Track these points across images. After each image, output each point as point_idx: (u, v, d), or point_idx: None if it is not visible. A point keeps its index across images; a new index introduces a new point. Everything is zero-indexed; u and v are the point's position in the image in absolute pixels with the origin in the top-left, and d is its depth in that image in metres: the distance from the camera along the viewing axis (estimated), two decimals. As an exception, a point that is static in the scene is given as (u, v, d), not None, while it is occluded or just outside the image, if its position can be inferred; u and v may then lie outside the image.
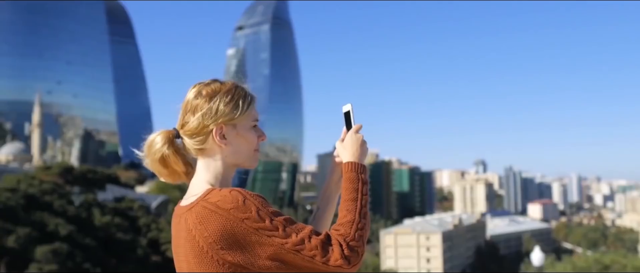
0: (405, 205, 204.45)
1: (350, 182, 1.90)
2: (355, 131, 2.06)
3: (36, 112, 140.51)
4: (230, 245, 1.69)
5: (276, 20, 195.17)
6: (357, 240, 1.75)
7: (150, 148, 1.95)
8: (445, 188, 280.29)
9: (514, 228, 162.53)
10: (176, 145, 1.95)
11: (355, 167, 1.94)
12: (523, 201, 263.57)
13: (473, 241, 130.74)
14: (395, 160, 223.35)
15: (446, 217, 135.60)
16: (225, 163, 1.90)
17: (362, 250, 1.75)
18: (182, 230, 1.79)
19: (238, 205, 1.69)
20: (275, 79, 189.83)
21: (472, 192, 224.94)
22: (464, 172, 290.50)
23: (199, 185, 1.86)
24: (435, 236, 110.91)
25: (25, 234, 48.42)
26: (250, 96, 1.96)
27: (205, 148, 1.89)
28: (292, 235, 1.69)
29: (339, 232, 1.77)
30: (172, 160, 1.94)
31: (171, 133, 1.95)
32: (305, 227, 1.74)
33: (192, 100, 1.90)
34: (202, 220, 1.71)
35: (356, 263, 1.72)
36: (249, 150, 1.94)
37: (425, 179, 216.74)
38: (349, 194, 1.87)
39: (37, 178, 55.36)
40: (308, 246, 1.69)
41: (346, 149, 2.01)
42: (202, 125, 1.87)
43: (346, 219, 1.80)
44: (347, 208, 1.83)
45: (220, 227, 1.68)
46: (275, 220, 1.70)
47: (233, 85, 1.94)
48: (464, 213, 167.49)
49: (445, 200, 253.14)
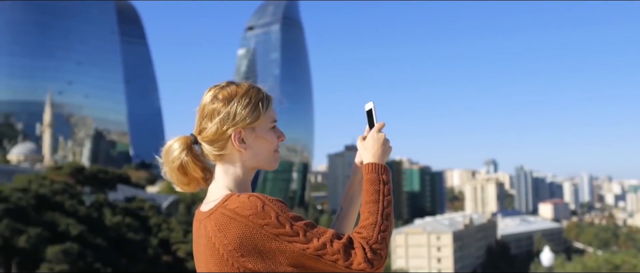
0: (415, 205, 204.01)
1: (371, 183, 1.86)
2: (377, 130, 2.02)
3: (47, 113, 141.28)
4: (250, 252, 1.66)
5: (286, 20, 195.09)
6: (380, 242, 1.73)
7: (168, 155, 1.90)
8: (456, 188, 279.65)
9: (525, 228, 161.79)
10: (194, 152, 1.90)
11: (376, 168, 1.90)
12: (534, 201, 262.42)
13: (484, 241, 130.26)
14: (406, 160, 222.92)
15: (457, 217, 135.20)
16: (245, 167, 1.87)
17: (385, 253, 1.73)
18: (202, 237, 1.77)
19: (257, 212, 1.66)
20: (285, 79, 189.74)
21: (483, 191, 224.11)
22: (474, 172, 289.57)
23: (218, 190, 1.83)
24: (446, 236, 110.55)
25: (36, 234, 48.62)
26: (267, 97, 1.91)
27: (224, 153, 1.86)
28: (313, 240, 1.67)
29: (361, 235, 1.74)
30: (191, 168, 1.88)
31: (189, 139, 1.90)
32: (327, 231, 1.71)
33: (208, 104, 1.86)
34: (221, 227, 1.69)
35: (379, 267, 1.70)
36: (268, 152, 1.90)
37: (436, 179, 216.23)
38: (370, 196, 1.83)
39: (48, 179, 55.59)
40: (330, 251, 1.67)
41: (367, 149, 1.98)
42: (221, 131, 1.83)
43: (368, 222, 1.77)
44: (369, 210, 1.80)
45: (240, 234, 1.66)
46: (296, 225, 1.67)
47: (249, 86, 1.89)
48: (474, 213, 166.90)
49: (456, 200, 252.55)
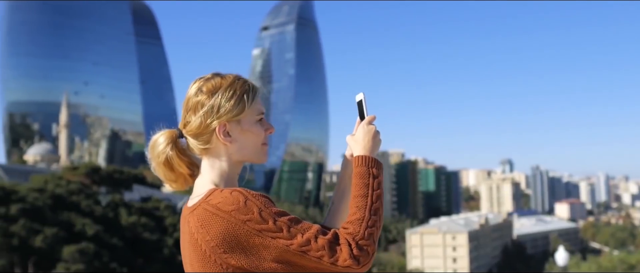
0: (431, 204, 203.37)
1: (360, 177, 1.80)
2: (368, 122, 1.94)
3: (63, 113, 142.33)
4: (233, 249, 1.63)
5: (301, 20, 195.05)
6: (367, 238, 1.67)
7: (153, 149, 1.88)
8: (472, 187, 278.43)
9: (541, 227, 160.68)
10: (180, 146, 1.87)
11: (365, 160, 1.83)
12: (550, 200, 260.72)
13: (500, 241, 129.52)
14: (421, 159, 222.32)
15: (472, 217, 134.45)
16: (231, 161, 1.83)
17: (372, 249, 1.67)
18: (186, 233, 1.74)
19: (239, 207, 1.63)
20: (300, 79, 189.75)
21: (499, 191, 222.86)
22: (490, 172, 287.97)
23: (203, 185, 1.80)
24: (461, 236, 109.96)
25: (53, 234, 48.88)
26: (253, 89, 1.85)
27: (209, 147, 1.82)
28: (297, 236, 1.62)
29: (347, 231, 1.69)
30: (176, 162, 1.86)
31: (174, 133, 1.87)
32: (312, 226, 1.66)
33: (192, 97, 1.83)
34: (204, 223, 1.65)
35: (366, 263, 1.65)
36: (255, 145, 1.85)
37: (452, 179, 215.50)
38: (358, 190, 1.77)
39: (65, 179, 55.85)
40: (314, 246, 1.62)
41: (357, 142, 1.90)
42: (205, 124, 1.79)
43: (355, 217, 1.71)
44: (357, 205, 1.74)
45: (222, 230, 1.62)
46: (279, 221, 1.63)
47: (235, 78, 1.84)
48: (490, 212, 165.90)
49: (471, 199, 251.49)
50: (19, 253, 48.30)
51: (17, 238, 47.71)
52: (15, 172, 70.67)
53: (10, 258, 48.47)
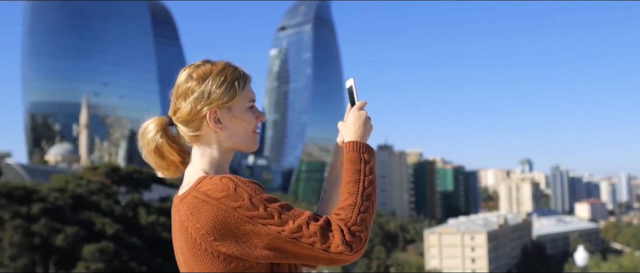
0: (449, 204, 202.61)
1: (351, 162, 1.78)
2: (359, 108, 1.91)
3: (83, 114, 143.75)
4: (224, 236, 1.60)
5: (318, 20, 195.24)
6: (359, 224, 1.65)
7: (143, 137, 1.84)
8: (490, 187, 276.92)
9: (561, 228, 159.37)
10: (170, 133, 1.84)
11: (356, 146, 1.81)
12: (570, 200, 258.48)
13: (519, 241, 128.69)
14: (439, 159, 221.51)
15: (491, 217, 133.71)
16: (222, 148, 1.80)
17: (365, 235, 1.65)
18: (177, 222, 1.72)
19: (229, 193, 1.61)
20: (317, 79, 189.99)
21: (518, 191, 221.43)
22: (509, 171, 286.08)
23: (193, 173, 1.78)
24: (480, 236, 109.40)
25: (73, 233, 49.42)
26: (244, 76, 1.83)
27: (200, 134, 1.79)
28: (288, 222, 1.60)
29: (339, 217, 1.67)
30: (166, 150, 1.83)
31: (164, 120, 1.85)
32: (303, 212, 1.64)
33: (183, 84, 1.81)
34: (193, 210, 1.63)
35: (359, 249, 1.63)
36: (246, 133, 1.83)
37: (470, 179, 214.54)
38: (350, 176, 1.75)
39: (85, 179, 56.38)
40: (306, 233, 1.60)
41: (348, 128, 1.88)
42: (195, 111, 1.76)
43: (347, 202, 1.69)
44: (348, 191, 1.72)
45: (212, 218, 1.60)
46: (270, 207, 1.61)
47: (225, 65, 1.83)
48: (509, 212, 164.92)
49: (490, 199, 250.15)
50: (40, 252, 48.90)
51: (39, 238, 48.30)
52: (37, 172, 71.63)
53: (32, 257, 49.08)
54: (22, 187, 52.27)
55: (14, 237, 47.73)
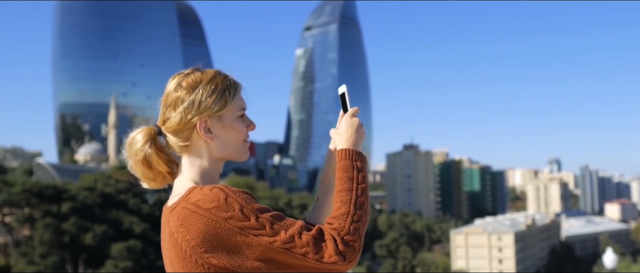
0: (476, 204, 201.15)
1: (343, 170, 1.75)
2: (351, 115, 1.90)
3: (112, 114, 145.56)
4: (215, 248, 1.57)
5: (344, 19, 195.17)
6: (353, 233, 1.62)
7: (131, 147, 1.80)
8: (518, 187, 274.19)
9: (591, 229, 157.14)
10: (158, 143, 1.79)
11: (349, 154, 1.78)
12: (600, 201, 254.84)
13: (547, 242, 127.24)
14: (466, 159, 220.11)
15: (519, 217, 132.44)
16: (212, 158, 1.77)
17: (359, 245, 1.63)
18: (166, 233, 1.68)
19: (220, 204, 1.57)
20: (343, 79, 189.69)
21: (546, 191, 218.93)
22: (537, 171, 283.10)
23: (182, 183, 1.74)
24: (507, 236, 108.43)
25: (102, 232, 50.15)
26: (235, 84, 1.80)
27: (190, 144, 1.75)
28: (280, 233, 1.57)
29: (332, 226, 1.64)
30: (155, 160, 1.78)
31: (153, 130, 1.80)
32: (296, 222, 1.61)
33: (172, 92, 1.77)
34: (183, 222, 1.59)
35: (352, 259, 1.60)
36: (237, 142, 1.79)
37: (497, 178, 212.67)
38: (343, 184, 1.72)
39: (113, 178, 57.09)
40: (299, 243, 1.57)
41: (341, 135, 1.86)
42: (185, 120, 1.72)
43: (340, 211, 1.67)
44: (341, 199, 1.69)
45: (203, 229, 1.56)
46: (261, 218, 1.58)
47: (215, 73, 1.79)
48: (537, 213, 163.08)
49: (518, 199, 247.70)
50: (70, 250, 49.72)
51: (68, 236, 49.11)
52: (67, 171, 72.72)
53: (62, 255, 49.90)
54: (52, 186, 53.21)
55: (45, 235, 48.59)
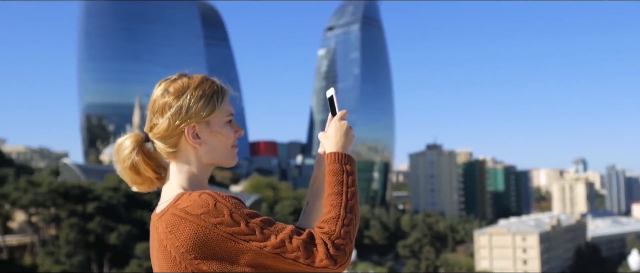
0: (500, 205, 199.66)
1: (333, 174, 1.75)
2: (340, 118, 1.88)
3: (136, 114, 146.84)
4: (205, 254, 1.56)
5: (366, 19, 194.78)
6: (343, 237, 1.62)
7: (118, 154, 1.79)
8: (543, 187, 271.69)
9: (617, 229, 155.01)
10: (146, 150, 1.79)
11: (338, 157, 1.78)
12: (627, 201, 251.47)
13: (572, 242, 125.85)
14: (490, 159, 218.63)
15: (544, 218, 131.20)
16: (200, 164, 1.76)
17: (350, 248, 1.63)
18: (155, 240, 1.68)
19: (209, 210, 1.56)
20: (366, 79, 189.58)
21: (572, 191, 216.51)
22: (562, 171, 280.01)
23: (171, 190, 1.73)
24: (531, 237, 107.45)
25: (126, 231, 50.69)
26: (222, 89, 1.81)
27: (178, 150, 1.75)
28: (271, 238, 1.57)
29: (323, 230, 1.64)
30: (142, 167, 1.78)
31: (140, 137, 1.79)
32: (286, 227, 1.61)
33: (159, 98, 1.75)
34: (172, 228, 1.59)
35: (343, 263, 1.60)
36: (225, 148, 1.79)
37: (521, 178, 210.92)
38: (332, 188, 1.72)
39: (138, 178, 57.43)
40: (289, 248, 1.57)
41: (329, 138, 1.85)
42: (173, 126, 1.72)
43: (330, 215, 1.67)
44: (331, 203, 1.70)
45: (192, 235, 1.56)
46: (251, 223, 1.58)
47: (203, 78, 1.79)
48: (562, 213, 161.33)
49: (542, 200, 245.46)
50: (95, 249, 50.32)
51: (93, 235, 49.70)
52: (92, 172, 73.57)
53: (87, 254, 50.52)
54: (77, 186, 53.90)
55: (70, 235, 49.22)
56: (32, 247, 53.76)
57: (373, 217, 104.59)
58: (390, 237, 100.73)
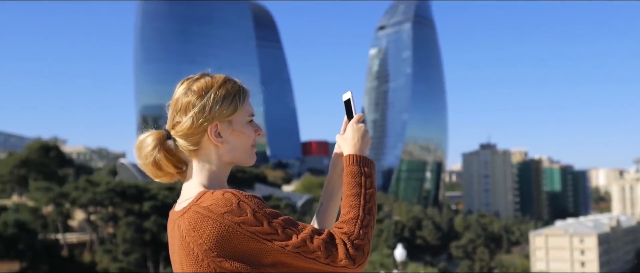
0: (556, 205, 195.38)
1: (352, 176, 1.78)
2: (357, 121, 1.92)
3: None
4: (227, 252, 1.59)
5: (418, 18, 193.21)
6: (362, 238, 1.66)
7: (140, 150, 1.82)
8: (602, 188, 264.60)
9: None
10: (167, 147, 1.82)
11: (357, 159, 1.82)
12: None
13: (633, 244, 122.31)
14: (546, 158, 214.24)
15: (602, 219, 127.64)
16: (221, 163, 1.80)
17: (368, 249, 1.67)
18: (176, 237, 1.70)
19: (232, 208, 1.59)
20: (417, 78, 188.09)
21: (632, 191, 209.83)
22: (622, 171, 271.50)
23: (192, 188, 1.76)
24: (590, 238, 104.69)
25: (182, 230, 51.53)
26: (244, 90, 1.84)
27: (199, 148, 1.78)
28: (292, 237, 1.61)
29: (342, 230, 1.68)
30: (164, 164, 1.81)
31: (162, 134, 1.82)
32: (306, 226, 1.65)
33: (182, 97, 1.80)
34: (195, 226, 1.61)
35: (362, 263, 1.64)
36: (246, 147, 1.83)
37: (579, 178, 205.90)
38: (351, 189, 1.76)
39: (192, 178, 58.31)
40: (310, 247, 1.61)
41: (347, 141, 1.88)
42: (196, 125, 1.75)
43: (349, 216, 1.70)
44: (350, 204, 1.73)
45: (215, 233, 1.58)
46: (274, 222, 1.61)
47: (225, 78, 1.83)
48: (622, 214, 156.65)
49: (601, 200, 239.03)
50: (151, 247, 51.35)
51: (149, 234, 50.73)
52: (148, 172, 75.14)
53: (143, 252, 51.60)
54: (134, 186, 55.13)
55: (127, 233, 50.39)
56: (91, 245, 55.26)
57: (425, 217, 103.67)
58: (443, 238, 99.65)
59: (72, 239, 56.65)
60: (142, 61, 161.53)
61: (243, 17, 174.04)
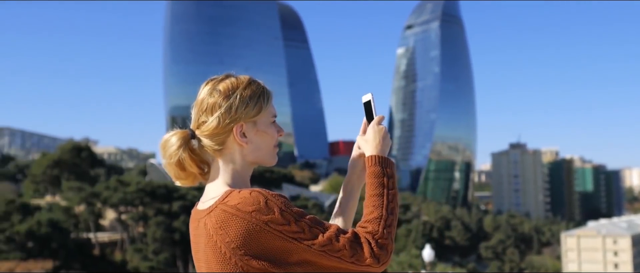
0: (588, 206, 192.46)
1: (375, 176, 1.83)
2: (377, 123, 1.96)
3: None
4: (255, 251, 1.61)
5: (446, 17, 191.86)
6: (386, 237, 1.70)
7: (165, 149, 1.84)
8: (636, 188, 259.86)
9: None
10: (191, 146, 1.83)
11: (379, 160, 1.86)
12: None
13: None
14: (577, 158, 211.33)
15: (637, 219, 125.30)
16: (245, 163, 1.83)
17: (391, 248, 1.70)
18: (202, 236, 1.71)
19: (260, 207, 1.61)
20: (446, 77, 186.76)
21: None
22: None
23: (216, 187, 1.78)
24: (623, 239, 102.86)
25: (210, 230, 51.82)
26: (267, 91, 1.88)
27: (224, 148, 1.81)
28: (318, 236, 1.63)
29: (366, 230, 1.71)
30: (188, 163, 1.82)
31: (187, 134, 1.83)
32: (332, 226, 1.68)
33: (207, 97, 1.81)
34: (223, 224, 1.63)
35: (385, 261, 1.67)
36: (269, 147, 1.86)
37: (612, 178, 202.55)
38: (374, 189, 1.80)
39: (220, 178, 58.65)
40: (336, 246, 1.63)
41: (368, 142, 1.93)
42: (223, 125, 1.78)
43: (373, 215, 1.74)
44: (374, 204, 1.77)
45: (243, 231, 1.60)
46: (300, 221, 1.63)
47: (250, 80, 1.86)
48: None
49: (635, 201, 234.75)
50: (180, 247, 51.75)
51: (179, 233, 51.13)
52: (177, 172, 75.82)
53: (173, 251, 52.05)
54: (163, 186, 55.62)
55: (157, 233, 50.87)
56: (122, 244, 55.93)
57: (454, 218, 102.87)
58: (472, 238, 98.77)
59: (103, 238, 57.42)
60: (171, 62, 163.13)
61: (270, 18, 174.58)
